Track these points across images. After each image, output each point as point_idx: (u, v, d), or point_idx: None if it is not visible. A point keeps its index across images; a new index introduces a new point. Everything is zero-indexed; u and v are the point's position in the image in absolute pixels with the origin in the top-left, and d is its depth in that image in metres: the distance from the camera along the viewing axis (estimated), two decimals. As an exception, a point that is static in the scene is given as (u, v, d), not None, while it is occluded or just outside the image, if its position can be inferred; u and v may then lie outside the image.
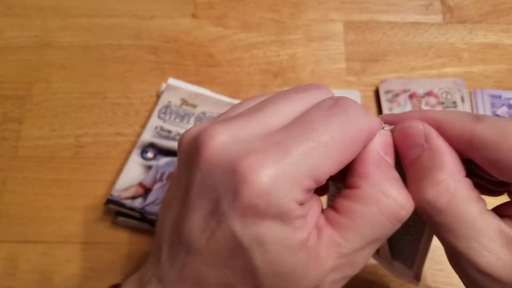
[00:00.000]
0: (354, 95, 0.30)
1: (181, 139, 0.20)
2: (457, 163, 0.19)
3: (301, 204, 0.18)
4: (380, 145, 0.20)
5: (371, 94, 0.43)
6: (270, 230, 0.17)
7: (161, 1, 0.48)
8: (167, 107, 0.41)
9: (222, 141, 0.18)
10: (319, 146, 0.17)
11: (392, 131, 0.21)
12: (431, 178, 0.19)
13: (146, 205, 0.37)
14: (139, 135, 0.41)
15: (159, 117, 0.41)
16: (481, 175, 0.21)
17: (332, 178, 0.19)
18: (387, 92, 0.40)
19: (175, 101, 0.41)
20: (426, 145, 0.20)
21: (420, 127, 0.20)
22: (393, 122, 0.21)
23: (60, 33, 0.47)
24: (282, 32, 0.47)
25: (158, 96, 0.43)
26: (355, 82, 0.44)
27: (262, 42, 0.46)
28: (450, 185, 0.19)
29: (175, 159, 0.39)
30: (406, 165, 0.20)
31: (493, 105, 0.42)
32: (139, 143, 0.40)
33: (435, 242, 0.37)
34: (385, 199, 0.18)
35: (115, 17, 0.47)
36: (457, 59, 0.45)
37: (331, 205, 0.20)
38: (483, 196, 0.20)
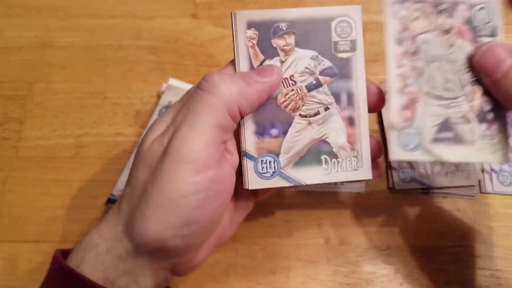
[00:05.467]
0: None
1: None
2: None
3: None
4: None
5: (371, 94, 0.43)
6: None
7: (161, 2, 0.48)
8: (167, 107, 0.41)
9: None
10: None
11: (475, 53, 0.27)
12: None
13: (147, 205, 0.37)
14: (139, 135, 0.41)
15: (160, 117, 0.41)
16: None
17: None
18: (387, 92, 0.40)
19: (176, 101, 0.41)
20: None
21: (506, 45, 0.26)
22: None
23: (60, 33, 0.47)
24: (282, 33, 0.47)
25: (158, 96, 0.43)
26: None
27: (262, 42, 0.46)
28: None
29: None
30: (498, 78, 0.25)
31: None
32: (139, 143, 0.40)
33: (435, 242, 0.37)
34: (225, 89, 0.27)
35: (115, 18, 0.47)
36: (456, 59, 0.45)
37: None
38: None
